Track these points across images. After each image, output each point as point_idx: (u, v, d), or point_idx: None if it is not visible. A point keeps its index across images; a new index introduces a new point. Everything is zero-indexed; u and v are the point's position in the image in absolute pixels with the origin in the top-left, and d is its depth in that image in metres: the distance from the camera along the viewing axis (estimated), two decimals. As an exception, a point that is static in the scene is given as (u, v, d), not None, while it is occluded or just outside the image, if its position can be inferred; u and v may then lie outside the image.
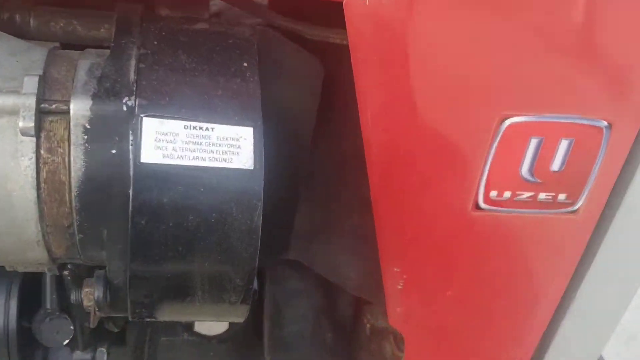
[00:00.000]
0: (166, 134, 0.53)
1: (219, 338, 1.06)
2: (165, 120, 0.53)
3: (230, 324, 1.13)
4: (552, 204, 0.68)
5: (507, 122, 0.62)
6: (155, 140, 0.53)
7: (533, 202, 0.67)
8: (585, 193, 0.67)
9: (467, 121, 0.62)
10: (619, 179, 0.67)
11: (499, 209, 0.68)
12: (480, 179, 0.66)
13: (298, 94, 0.68)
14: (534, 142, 0.63)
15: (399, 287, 0.76)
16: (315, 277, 1.00)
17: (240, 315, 0.60)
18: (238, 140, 0.54)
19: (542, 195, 0.67)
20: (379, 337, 1.04)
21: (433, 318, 0.80)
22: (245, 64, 0.56)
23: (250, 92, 0.55)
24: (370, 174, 0.65)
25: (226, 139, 0.54)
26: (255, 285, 0.58)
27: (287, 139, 0.64)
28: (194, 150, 0.53)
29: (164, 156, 0.53)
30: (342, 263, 0.92)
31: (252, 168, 0.53)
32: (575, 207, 0.68)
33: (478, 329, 0.79)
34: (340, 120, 0.72)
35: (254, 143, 0.54)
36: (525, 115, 0.62)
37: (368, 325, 1.03)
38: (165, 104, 0.53)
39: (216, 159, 0.53)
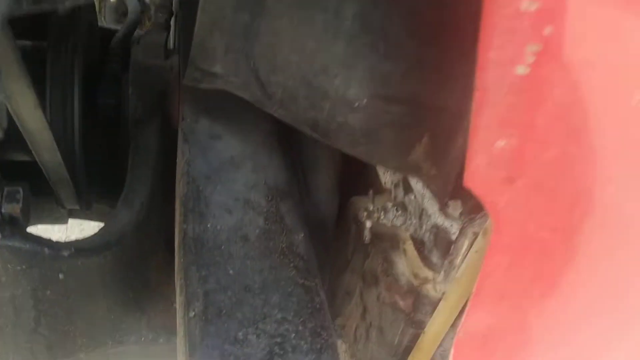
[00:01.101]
0: None
1: (78, 248, 0.54)
2: None
3: (107, 224, 0.62)
4: None
5: None
6: None
7: None
8: None
9: None
10: None
11: None
12: None
13: None
14: None
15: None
16: (268, 120, 0.51)
17: None
18: None
19: None
20: (384, 246, 0.57)
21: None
22: None
23: None
24: None
25: None
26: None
27: None
28: None
29: None
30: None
31: None
32: None
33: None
34: None
35: None
36: None
37: (368, 226, 0.56)
38: None
39: None
